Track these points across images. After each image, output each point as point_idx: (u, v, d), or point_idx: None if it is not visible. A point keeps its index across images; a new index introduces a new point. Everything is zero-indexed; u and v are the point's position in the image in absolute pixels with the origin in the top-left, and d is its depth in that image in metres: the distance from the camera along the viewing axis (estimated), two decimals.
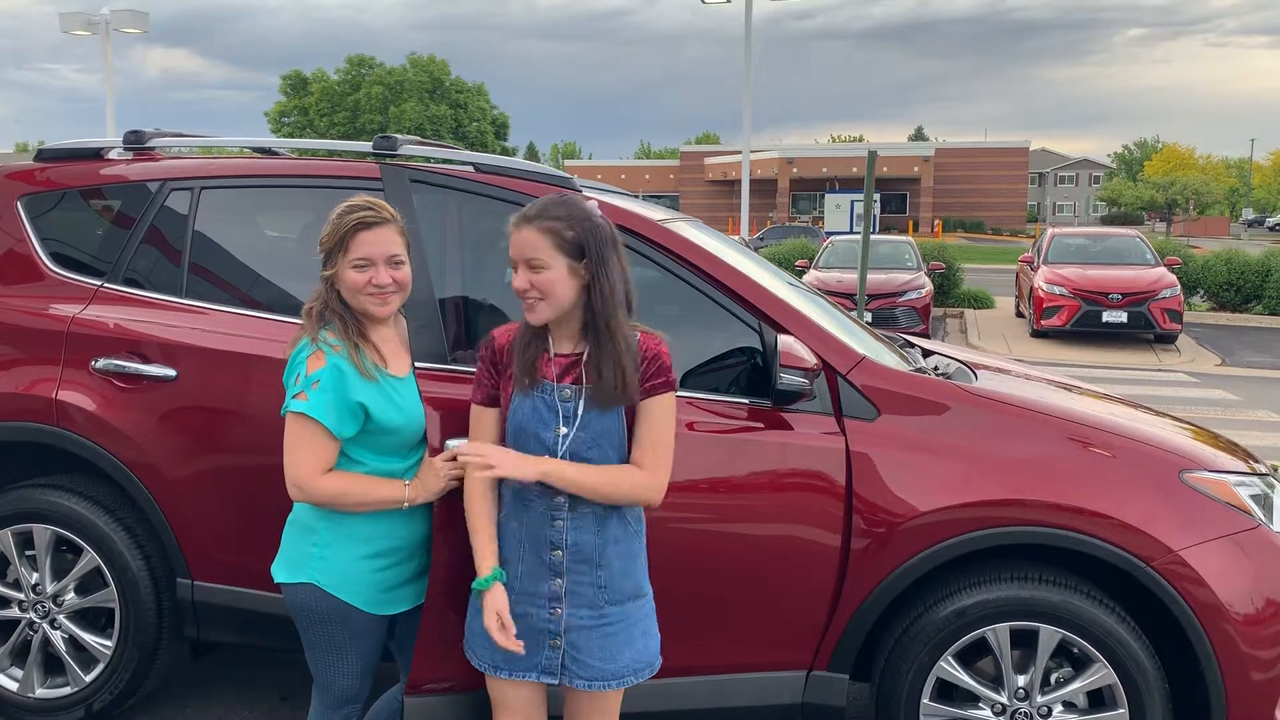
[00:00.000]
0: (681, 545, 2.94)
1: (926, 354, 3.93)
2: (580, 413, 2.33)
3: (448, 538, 2.56)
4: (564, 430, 2.33)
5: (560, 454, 2.33)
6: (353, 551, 2.52)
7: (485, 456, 2.27)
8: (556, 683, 2.40)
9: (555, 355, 2.38)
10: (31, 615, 3.49)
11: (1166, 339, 14.74)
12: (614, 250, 2.35)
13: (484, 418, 2.46)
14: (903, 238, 18.93)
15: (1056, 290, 14.72)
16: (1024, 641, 2.98)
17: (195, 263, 3.46)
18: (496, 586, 2.36)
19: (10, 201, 3.67)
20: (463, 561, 2.53)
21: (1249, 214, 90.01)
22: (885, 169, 54.43)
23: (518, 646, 2.32)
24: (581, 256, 2.31)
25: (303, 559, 2.53)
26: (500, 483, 2.45)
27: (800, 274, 15.74)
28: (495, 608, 2.34)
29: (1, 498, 3.50)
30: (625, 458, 2.36)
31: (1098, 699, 2.97)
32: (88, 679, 3.46)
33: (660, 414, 2.36)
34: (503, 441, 2.42)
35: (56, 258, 3.60)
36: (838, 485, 2.98)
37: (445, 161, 3.42)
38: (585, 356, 2.35)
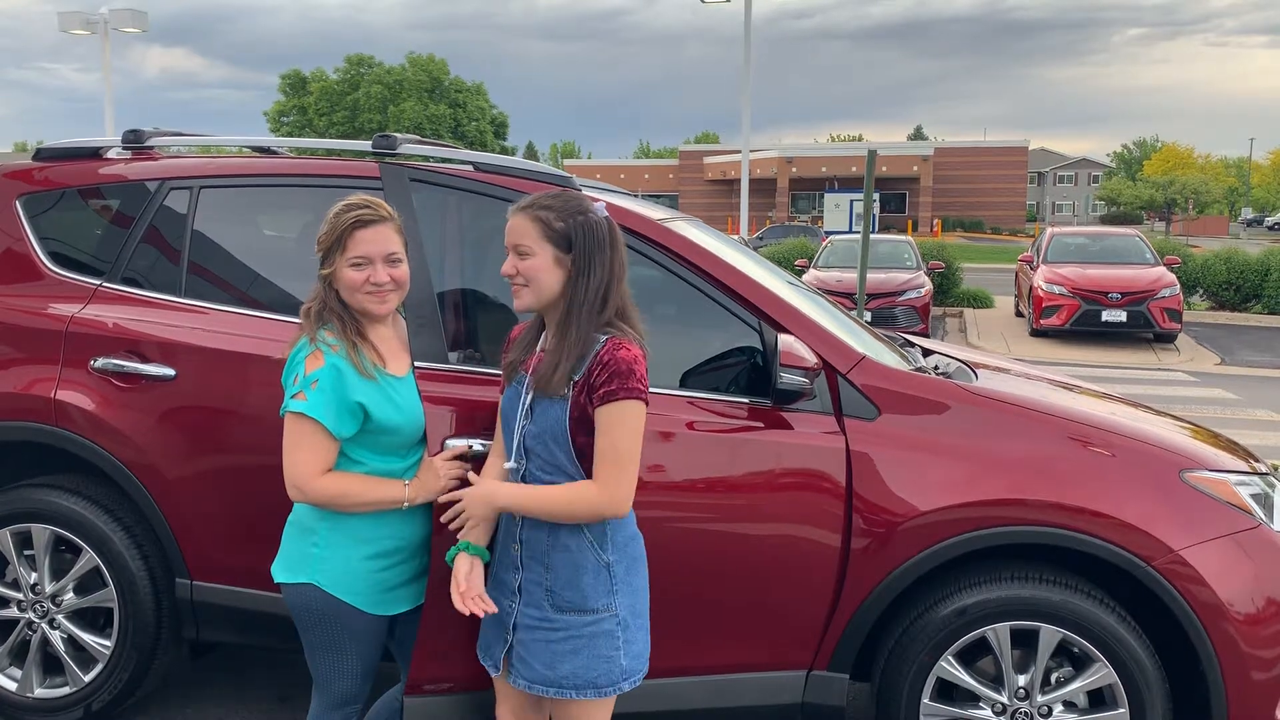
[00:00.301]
0: (681, 545, 2.94)
1: (926, 353, 3.93)
2: (530, 405, 2.36)
3: (448, 538, 2.55)
4: (524, 422, 2.37)
5: (518, 445, 2.38)
6: (353, 552, 2.51)
7: (463, 509, 2.41)
8: (498, 673, 2.44)
9: (541, 349, 2.41)
10: (30, 615, 3.48)
11: (1166, 338, 14.74)
12: (607, 250, 2.34)
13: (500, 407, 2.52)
14: (902, 237, 18.92)
15: (1056, 289, 14.72)
16: (1024, 641, 2.98)
17: (194, 262, 3.45)
18: (461, 556, 2.42)
19: (9, 201, 3.67)
20: None
21: (1248, 213, 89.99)
22: (884, 168, 54.40)
23: (474, 606, 2.35)
24: (569, 249, 2.32)
25: (303, 559, 2.52)
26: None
27: (799, 273, 15.74)
28: (460, 571, 2.41)
29: (0, 497, 3.49)
30: (570, 455, 2.32)
31: (1098, 698, 2.97)
32: (86, 679, 3.45)
33: (612, 423, 2.27)
34: None
35: (55, 257, 3.60)
36: (838, 485, 2.97)
37: (445, 161, 3.42)
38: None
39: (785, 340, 2.95)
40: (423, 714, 2.65)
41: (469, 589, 2.38)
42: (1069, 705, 2.98)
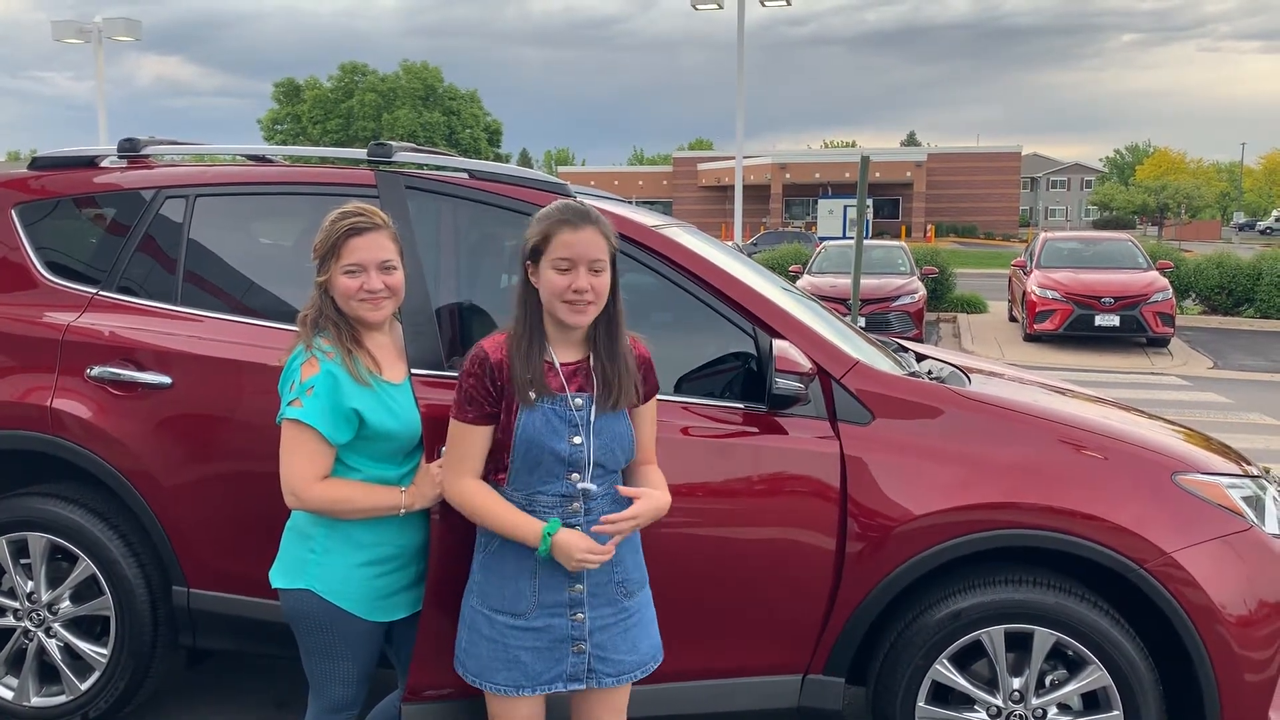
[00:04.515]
0: (678, 550, 2.95)
1: (920, 358, 3.94)
2: (594, 420, 2.35)
3: (445, 544, 2.56)
4: (578, 440, 2.33)
5: (586, 465, 2.34)
6: (350, 558, 2.52)
7: (638, 520, 2.36)
8: (583, 687, 2.41)
9: (561, 364, 2.37)
10: (27, 624, 3.48)
11: (1159, 342, 14.77)
12: None
13: (473, 436, 2.35)
14: (895, 242, 18.97)
15: (1049, 294, 14.76)
16: (1019, 644, 2.99)
17: (190, 270, 3.46)
18: (559, 534, 2.29)
19: (4, 210, 3.67)
20: (460, 567, 2.53)
21: (1240, 218, 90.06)
22: (878, 174, 54.53)
23: (608, 551, 2.33)
24: (614, 264, 2.37)
25: (300, 565, 2.53)
26: (502, 491, 2.42)
27: (794, 279, 15.77)
28: (574, 543, 2.28)
29: None
30: (630, 459, 2.46)
31: (1092, 701, 2.98)
32: (83, 687, 3.45)
33: (654, 413, 2.53)
34: (495, 458, 2.38)
35: (51, 266, 3.60)
36: (832, 489, 2.99)
37: (440, 168, 3.43)
38: (592, 362, 2.38)
39: (780, 345, 2.96)
40: None
41: (597, 544, 2.31)
42: (1063, 708, 3.00)
